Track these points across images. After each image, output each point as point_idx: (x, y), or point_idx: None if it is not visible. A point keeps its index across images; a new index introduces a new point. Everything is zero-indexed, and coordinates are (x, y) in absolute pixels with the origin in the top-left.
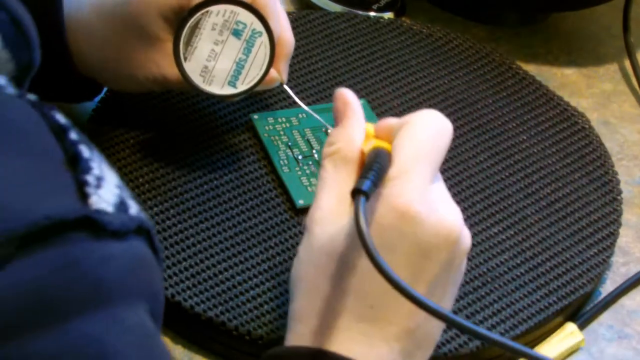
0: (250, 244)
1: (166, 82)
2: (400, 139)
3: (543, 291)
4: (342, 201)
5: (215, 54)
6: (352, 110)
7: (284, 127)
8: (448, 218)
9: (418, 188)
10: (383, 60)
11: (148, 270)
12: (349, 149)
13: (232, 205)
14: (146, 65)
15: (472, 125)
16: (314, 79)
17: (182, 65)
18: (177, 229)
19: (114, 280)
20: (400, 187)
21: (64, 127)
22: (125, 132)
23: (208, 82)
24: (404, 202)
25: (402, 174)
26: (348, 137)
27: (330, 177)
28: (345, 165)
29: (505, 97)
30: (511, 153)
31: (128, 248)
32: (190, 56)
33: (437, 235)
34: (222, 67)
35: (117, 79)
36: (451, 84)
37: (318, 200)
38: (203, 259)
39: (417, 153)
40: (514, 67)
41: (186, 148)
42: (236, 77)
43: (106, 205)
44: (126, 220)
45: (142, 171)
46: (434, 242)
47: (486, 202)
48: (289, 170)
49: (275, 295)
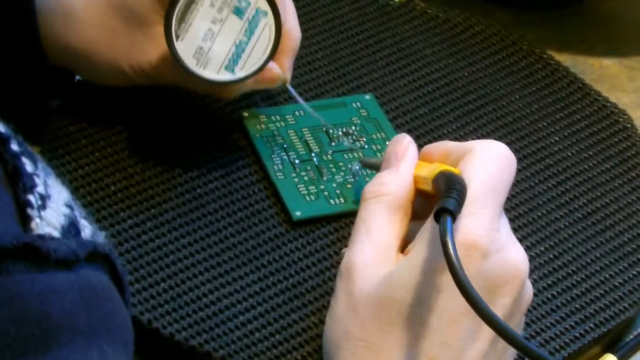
0: (239, 262)
1: (152, 72)
2: (468, 168)
3: (578, 316)
4: (388, 249)
5: (213, 33)
6: (411, 156)
7: (278, 127)
8: (516, 257)
9: (487, 223)
10: (393, 49)
11: (104, 303)
12: (401, 195)
13: (218, 217)
14: (130, 52)
15: (495, 125)
16: (313, 70)
17: (173, 43)
18: (155, 244)
19: (61, 317)
20: (469, 220)
21: (4, 137)
22: (94, 132)
23: (202, 65)
24: (473, 236)
25: (471, 206)
26: (403, 182)
27: (376, 221)
28: (395, 211)
29: (535, 92)
30: (541, 157)
31: (77, 279)
32: (183, 34)
33: (502, 275)
34: (220, 49)
35: (96, 68)
36: (471, 77)
37: (359, 245)
38: (184, 280)
39: (487, 186)
40: (544, 57)
41: (165, 151)
42: (235, 62)
43: (51, 229)
44: (74, 247)
45: (113, 178)
46: (499, 282)
47: (512, 213)
48: (284, 176)
49: (268, 322)
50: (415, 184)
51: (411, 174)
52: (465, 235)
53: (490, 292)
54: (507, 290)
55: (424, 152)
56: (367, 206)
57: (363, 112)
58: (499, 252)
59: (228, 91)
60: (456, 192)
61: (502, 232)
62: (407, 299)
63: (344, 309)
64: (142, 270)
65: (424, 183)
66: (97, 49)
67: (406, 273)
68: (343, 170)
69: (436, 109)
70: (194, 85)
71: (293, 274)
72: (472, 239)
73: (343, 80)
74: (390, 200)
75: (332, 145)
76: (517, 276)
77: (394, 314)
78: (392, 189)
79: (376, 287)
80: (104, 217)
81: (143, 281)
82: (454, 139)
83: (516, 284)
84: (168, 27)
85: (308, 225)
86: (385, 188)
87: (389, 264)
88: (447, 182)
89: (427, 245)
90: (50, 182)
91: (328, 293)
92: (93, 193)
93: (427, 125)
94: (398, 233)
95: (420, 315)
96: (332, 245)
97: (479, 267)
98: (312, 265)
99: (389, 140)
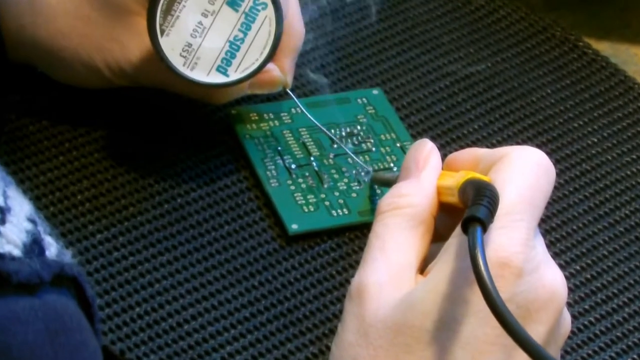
0: (226, 284)
1: (132, 72)
2: (501, 176)
3: (620, 346)
4: (406, 269)
5: (203, 28)
6: (434, 164)
7: (271, 126)
8: (553, 279)
9: (522, 238)
10: (405, 36)
11: (72, 334)
12: (423, 208)
13: (201, 231)
14: (107, 47)
15: (523, 124)
16: (312, 61)
17: (157, 39)
18: (129, 262)
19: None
20: (501, 234)
21: None
22: (58, 132)
23: (190, 65)
24: (505, 253)
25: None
26: (424, 194)
27: (393, 236)
28: (415, 226)
29: (569, 85)
30: (577, 161)
31: (41, 306)
32: (169, 28)
33: (537, 300)
34: (211, 47)
35: (66, 66)
36: (496, 69)
37: (372, 263)
38: (163, 304)
39: (523, 196)
40: (580, 46)
41: (140, 154)
42: (228, 62)
43: (12, 247)
44: (38, 268)
45: (80, 185)
46: (533, 308)
47: (543, 226)
48: (278, 184)
49: (260, 352)
50: (438, 196)
51: (434, 184)
52: (497, 251)
53: (523, 319)
54: (542, 318)
55: (448, 160)
56: (383, 219)
57: (370, 109)
58: (534, 272)
59: (219, 96)
60: (487, 199)
61: (537, 250)
62: (427, 325)
63: (353, 336)
64: (114, 292)
65: (449, 194)
66: (68, 43)
67: (426, 294)
68: (347, 177)
69: (454, 105)
70: (181, 88)
71: (289, 296)
72: (504, 255)
73: (346, 73)
74: (410, 214)
75: (334, 147)
76: (554, 301)
77: (411, 341)
78: (412, 201)
79: (391, 310)
80: (70, 231)
81: (115, 305)
82: (475, 140)
83: (553, 311)
84: (152, 20)
85: (306, 240)
86: (404, 200)
87: (406, 285)
88: (476, 189)
89: (452, 261)
90: (11, 192)
91: (329, 319)
92: (57, 203)
93: (444, 124)
94: (418, 252)
95: (442, 343)
96: (334, 263)
97: (511, 290)
98: (311, 286)
99: (399, 142)
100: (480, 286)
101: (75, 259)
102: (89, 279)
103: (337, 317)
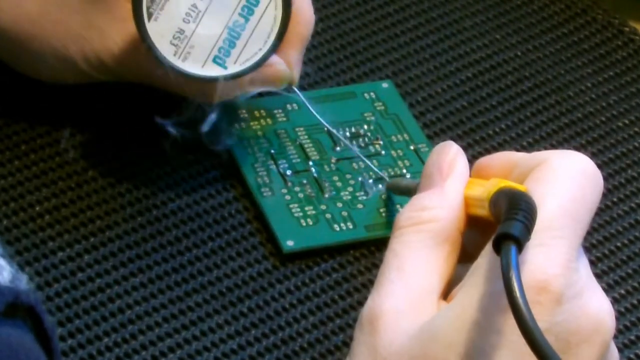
0: (210, 310)
1: (113, 64)
2: (540, 185)
3: None
4: (427, 293)
5: (198, 12)
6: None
7: (263, 125)
8: (599, 308)
9: (563, 259)
10: (420, 20)
11: None
12: (448, 223)
13: (181, 248)
14: (85, 36)
15: (559, 123)
16: (312, 49)
17: (143, 23)
18: (95, 285)
19: None
20: (539, 253)
21: None
22: (12, 133)
23: (182, 54)
24: (544, 275)
25: (543, 235)
26: (450, 206)
27: (413, 256)
28: (439, 244)
29: (613, 77)
30: (622, 166)
31: None
32: (158, 12)
33: (579, 331)
34: (207, 34)
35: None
36: (527, 58)
37: (389, 286)
38: (136, 333)
39: (565, 210)
40: (625, 31)
41: (110, 158)
42: (227, 52)
43: None
44: None
45: (39, 194)
46: (575, 340)
47: (584, 243)
48: (271, 193)
49: None
50: (466, 209)
51: (461, 194)
52: (534, 273)
53: (563, 353)
54: (585, 351)
55: (478, 165)
56: (401, 236)
57: (379, 105)
58: (577, 299)
59: (214, 93)
60: (523, 212)
61: (581, 272)
62: (450, 358)
63: None
64: (78, 320)
65: (478, 206)
66: (38, 31)
67: (451, 323)
68: (351, 185)
69: (478, 101)
70: (170, 83)
71: (284, 325)
72: (542, 278)
73: (352, 62)
74: (433, 230)
75: (337, 150)
76: (599, 333)
77: None
78: (436, 215)
79: (409, 341)
80: (26, 249)
81: (79, 335)
82: (502, 142)
83: (598, 343)
84: (137, 1)
85: (304, 259)
86: (427, 214)
87: (427, 312)
88: (510, 200)
89: (481, 284)
90: None
91: (331, 351)
92: (11, 215)
93: (465, 123)
94: (442, 273)
95: None
96: (336, 286)
97: (550, 318)
98: (310, 313)
99: (413, 144)
100: (514, 314)
101: (32, 284)
102: (49, 305)
103: (339, 349)
